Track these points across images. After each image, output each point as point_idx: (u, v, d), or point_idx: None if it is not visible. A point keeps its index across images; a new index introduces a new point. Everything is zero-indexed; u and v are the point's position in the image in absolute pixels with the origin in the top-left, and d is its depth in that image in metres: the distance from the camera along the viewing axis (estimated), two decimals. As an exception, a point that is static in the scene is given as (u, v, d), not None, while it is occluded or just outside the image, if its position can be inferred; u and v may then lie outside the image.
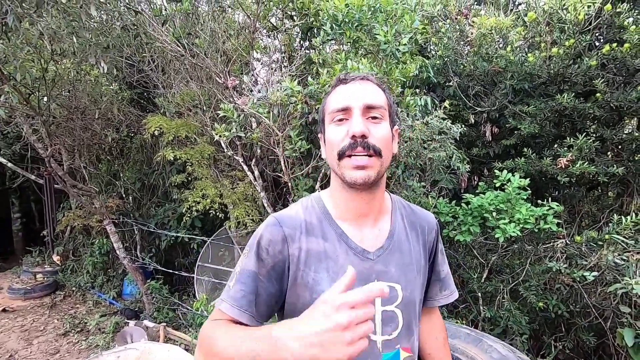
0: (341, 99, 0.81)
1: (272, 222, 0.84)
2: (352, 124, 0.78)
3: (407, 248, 0.89)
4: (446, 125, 2.51)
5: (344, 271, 0.73)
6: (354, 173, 0.77)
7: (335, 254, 0.82)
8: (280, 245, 0.81)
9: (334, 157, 0.81)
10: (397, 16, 2.06)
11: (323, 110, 0.88)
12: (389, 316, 0.83)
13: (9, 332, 3.85)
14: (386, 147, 0.80)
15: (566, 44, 2.66)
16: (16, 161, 4.94)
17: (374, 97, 0.81)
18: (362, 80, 0.84)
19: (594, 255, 2.27)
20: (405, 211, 0.96)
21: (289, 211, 0.88)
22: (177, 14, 2.74)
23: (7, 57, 2.48)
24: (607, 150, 2.83)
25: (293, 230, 0.82)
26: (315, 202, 0.89)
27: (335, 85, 0.87)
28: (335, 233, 0.84)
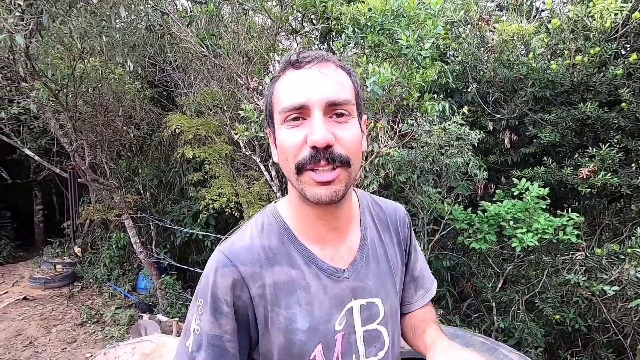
0: (295, 93, 0.62)
1: (222, 261, 0.67)
2: (312, 130, 0.60)
3: (383, 253, 0.78)
4: (464, 132, 2.49)
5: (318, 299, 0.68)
6: (317, 190, 0.62)
7: (305, 280, 0.68)
8: (238, 289, 0.66)
9: (289, 169, 0.64)
10: (419, 21, 2.07)
11: (270, 103, 0.68)
12: (371, 336, 0.72)
13: (29, 320, 3.98)
14: (355, 152, 0.64)
15: (591, 52, 2.61)
16: (41, 155, 5.12)
17: (339, 88, 0.63)
18: (320, 63, 0.63)
19: (614, 269, 2.21)
20: (374, 209, 0.82)
21: (241, 239, 0.70)
22: (201, 15, 2.81)
23: (40, 55, 2.58)
24: (631, 162, 2.75)
25: (251, 266, 0.67)
26: (273, 219, 0.73)
27: (283, 69, 0.66)
28: (302, 255, 0.69)
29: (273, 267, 0.68)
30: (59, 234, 5.92)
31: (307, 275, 0.69)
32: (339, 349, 0.70)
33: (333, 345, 0.69)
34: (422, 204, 2.66)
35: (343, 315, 0.70)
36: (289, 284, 0.68)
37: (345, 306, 0.70)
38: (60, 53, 2.88)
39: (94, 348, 3.47)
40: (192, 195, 4.21)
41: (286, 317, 0.67)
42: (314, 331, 0.67)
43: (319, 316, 0.68)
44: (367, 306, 0.72)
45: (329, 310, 0.69)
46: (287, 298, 0.67)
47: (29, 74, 2.59)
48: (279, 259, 0.69)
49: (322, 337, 0.68)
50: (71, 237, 5.74)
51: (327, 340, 0.68)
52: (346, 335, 0.70)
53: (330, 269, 0.70)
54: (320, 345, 0.68)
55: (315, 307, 0.68)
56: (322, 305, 0.68)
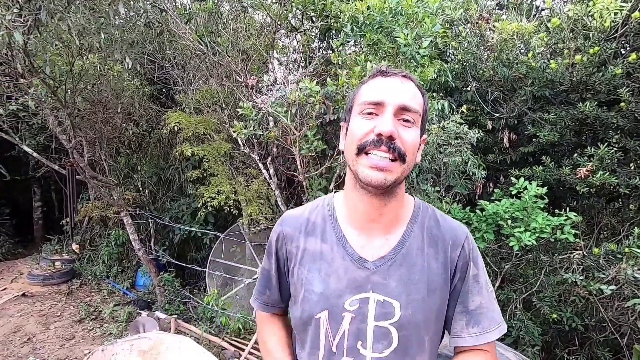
0: (377, 92, 0.74)
1: (279, 221, 0.92)
2: (381, 121, 0.71)
3: (420, 264, 0.78)
4: (463, 130, 2.49)
5: (337, 275, 0.79)
6: (370, 172, 0.71)
7: (331, 256, 0.81)
8: (281, 242, 0.88)
9: (352, 150, 0.75)
10: (418, 19, 2.06)
11: (353, 98, 0.81)
12: (381, 332, 0.76)
13: (27, 316, 3.98)
14: (412, 153, 0.74)
15: (590, 52, 2.61)
16: (39, 152, 5.12)
17: (412, 99, 0.75)
18: (403, 77, 0.77)
19: (612, 269, 2.22)
20: (428, 222, 0.83)
21: (297, 210, 0.92)
22: (200, 12, 2.80)
23: (38, 51, 2.57)
24: (630, 162, 2.75)
25: (293, 229, 0.87)
26: (326, 203, 0.89)
27: (373, 75, 0.80)
28: (336, 236, 0.82)
29: (309, 237, 0.85)
30: (58, 231, 5.93)
31: (334, 252, 0.81)
32: (346, 327, 0.77)
33: (340, 320, 0.78)
34: (421, 203, 2.66)
35: (356, 300, 0.77)
36: (316, 254, 0.82)
37: (362, 293, 0.77)
38: (58, 49, 2.87)
39: (92, 345, 3.47)
40: (191, 192, 4.21)
41: (307, 277, 0.82)
42: (325, 298, 0.78)
43: (333, 289, 0.79)
44: (384, 304, 0.77)
45: (343, 288, 0.78)
46: (310, 263, 0.82)
47: (27, 70, 2.58)
48: (316, 232, 0.84)
49: (329, 306, 0.78)
50: (70, 234, 5.74)
51: (334, 311, 0.78)
52: (356, 320, 0.77)
53: (355, 255, 0.79)
54: (327, 312, 0.78)
55: (332, 280, 0.79)
56: (339, 281, 0.79)
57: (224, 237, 3.94)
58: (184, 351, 1.90)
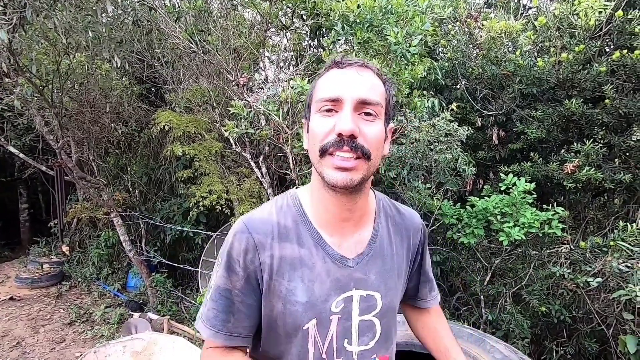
0: (332, 87, 0.70)
1: (241, 228, 0.76)
2: (340, 119, 0.68)
3: (390, 253, 0.83)
4: (453, 128, 2.52)
5: (320, 279, 0.75)
6: (335, 174, 0.68)
7: (312, 260, 0.75)
8: (251, 254, 0.74)
9: (315, 152, 0.71)
10: (408, 18, 2.08)
11: (311, 94, 0.76)
12: (366, 325, 0.78)
13: (16, 320, 3.91)
14: (376, 149, 0.71)
15: (576, 50, 2.66)
16: (26, 152, 5.01)
17: (371, 90, 0.70)
18: (360, 67, 0.72)
19: (598, 262, 2.27)
20: (391, 212, 0.89)
21: (260, 213, 0.79)
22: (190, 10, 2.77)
23: (23, 50, 2.52)
24: (615, 157, 2.82)
25: (264, 236, 0.75)
26: (292, 201, 0.81)
27: (328, 67, 0.75)
28: (312, 238, 0.76)
29: (283, 242, 0.75)
30: (46, 233, 5.82)
31: (314, 256, 0.76)
32: (334, 330, 0.75)
33: (328, 324, 0.75)
34: (412, 200, 2.69)
35: (341, 300, 0.76)
36: (295, 260, 0.75)
37: (345, 292, 0.76)
38: (44, 48, 2.82)
39: (84, 347, 3.43)
40: (182, 192, 4.18)
41: (287, 288, 0.74)
42: (311, 306, 0.74)
43: (318, 294, 0.74)
44: (367, 298, 0.78)
45: (328, 292, 0.75)
46: (290, 272, 0.74)
47: (12, 69, 2.53)
48: (291, 236, 0.76)
49: (317, 314, 0.74)
50: (58, 235, 5.65)
51: (322, 317, 0.75)
52: (342, 320, 0.76)
53: (336, 255, 0.77)
54: (315, 320, 0.74)
55: (316, 285, 0.75)
56: (323, 285, 0.75)
57: (216, 236, 3.92)
58: (178, 351, 1.90)
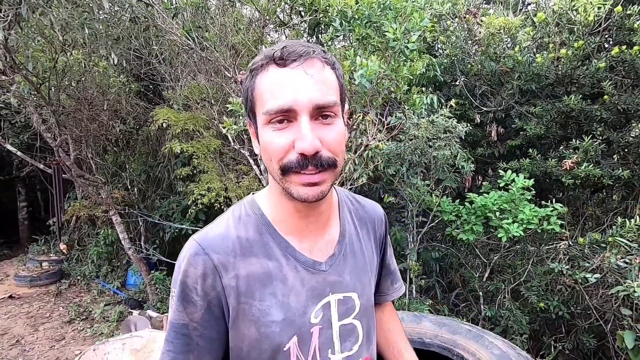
0: (281, 96, 0.59)
1: (195, 250, 0.66)
2: (300, 136, 0.58)
3: (360, 249, 0.79)
4: (452, 124, 2.52)
5: (295, 291, 0.67)
6: (304, 190, 0.62)
7: (283, 272, 0.67)
8: (210, 278, 0.64)
9: (275, 169, 0.63)
10: (406, 14, 2.07)
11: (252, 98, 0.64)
12: (347, 330, 0.73)
13: (15, 318, 3.91)
14: (341, 152, 0.64)
15: (575, 46, 2.65)
16: (24, 150, 4.99)
17: (325, 89, 0.61)
18: (306, 62, 0.60)
19: (596, 258, 2.28)
20: (353, 206, 0.84)
21: (216, 228, 0.69)
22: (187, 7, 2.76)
23: (20, 47, 2.51)
24: (613, 153, 2.82)
25: (224, 255, 0.65)
26: (251, 210, 0.72)
27: (265, 63, 0.62)
28: (280, 247, 0.69)
29: (248, 258, 0.67)
30: (45, 231, 5.81)
31: (284, 267, 0.68)
32: (315, 342, 0.69)
33: (309, 338, 0.68)
34: (411, 196, 2.69)
35: (320, 309, 0.70)
36: (264, 276, 0.67)
37: (323, 299, 0.70)
38: (41, 45, 2.80)
39: (83, 345, 3.43)
40: (181, 190, 4.17)
41: (260, 309, 0.65)
42: (290, 323, 0.67)
43: (295, 308, 0.67)
44: (344, 300, 0.73)
45: (305, 302, 0.68)
46: (261, 290, 0.66)
47: (8, 67, 2.51)
48: (256, 250, 0.68)
49: (297, 329, 0.67)
50: (57, 234, 5.64)
51: (303, 332, 0.68)
52: (323, 330, 0.70)
53: (308, 261, 0.70)
54: (296, 338, 0.67)
55: (291, 299, 0.67)
56: (299, 297, 0.68)
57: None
58: (177, 349, 1.90)
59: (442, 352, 1.40)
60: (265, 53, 0.63)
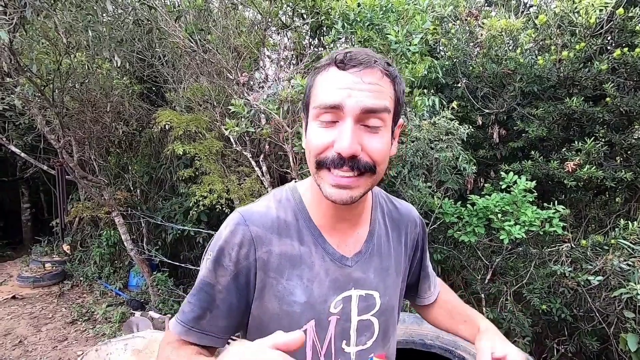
0: (333, 93, 0.61)
1: (238, 219, 0.70)
2: (340, 137, 0.60)
3: (387, 250, 0.80)
4: (453, 126, 2.52)
5: (319, 279, 0.71)
6: (333, 191, 0.63)
7: (311, 259, 0.71)
8: (246, 248, 0.68)
9: (311, 163, 0.66)
10: (408, 16, 2.08)
11: (309, 91, 0.68)
12: (364, 325, 0.76)
13: (18, 319, 3.93)
14: (382, 161, 0.64)
15: (577, 48, 2.65)
16: (27, 152, 5.02)
17: (378, 96, 0.61)
18: (365, 70, 0.61)
19: (599, 260, 2.27)
20: (387, 207, 0.85)
21: (258, 206, 0.73)
22: (190, 9, 2.78)
23: (24, 50, 2.53)
24: (616, 155, 2.81)
25: (263, 230, 0.69)
26: (292, 196, 0.75)
27: (327, 64, 0.65)
28: (312, 235, 0.72)
29: (284, 238, 0.71)
30: (48, 232, 5.84)
31: (313, 254, 0.72)
32: (332, 331, 0.73)
33: (326, 325, 0.72)
34: (413, 198, 2.69)
35: (340, 300, 0.73)
36: (295, 258, 0.70)
37: (344, 292, 0.73)
38: (45, 48, 2.83)
39: (85, 346, 3.44)
40: (183, 191, 4.18)
41: (285, 287, 0.70)
42: (310, 307, 0.70)
43: (317, 295, 0.71)
44: (366, 297, 0.75)
45: (327, 292, 0.72)
46: (290, 270, 0.70)
47: (13, 69, 2.53)
48: (291, 232, 0.71)
49: (316, 314, 0.71)
50: (60, 235, 5.66)
51: (321, 319, 0.71)
52: (341, 321, 0.73)
53: (336, 254, 0.73)
54: (313, 322, 0.71)
55: (315, 285, 0.71)
56: (322, 285, 0.71)
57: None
58: (179, 350, 1.90)
59: (443, 354, 1.39)
60: (330, 55, 0.66)
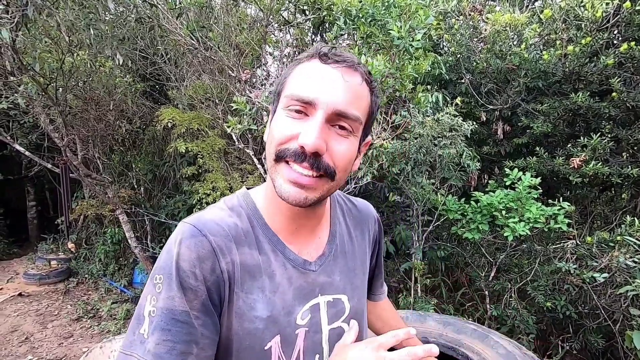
0: (308, 85, 0.58)
1: (191, 231, 0.60)
2: (307, 131, 0.56)
3: (351, 250, 0.77)
4: (457, 123, 2.50)
5: (281, 289, 0.64)
6: (287, 187, 0.59)
7: (271, 268, 0.64)
8: (210, 261, 0.58)
9: (270, 153, 0.61)
10: (411, 12, 2.05)
11: (284, 82, 0.64)
12: (336, 334, 0.70)
13: (24, 316, 3.97)
14: (343, 169, 0.61)
15: (582, 42, 2.62)
16: (32, 150, 5.06)
17: (354, 101, 0.59)
18: (348, 69, 0.60)
19: (604, 257, 2.25)
20: (346, 206, 0.82)
21: (209, 214, 0.65)
22: (191, 7, 2.77)
23: (27, 48, 2.53)
24: (622, 151, 2.78)
25: (221, 238, 0.61)
26: (244, 202, 0.69)
27: (310, 56, 0.62)
28: (270, 242, 0.66)
29: (241, 246, 0.63)
30: (53, 230, 5.89)
31: (273, 262, 0.65)
32: (300, 345, 0.65)
33: (293, 340, 0.65)
34: (416, 195, 2.67)
35: (307, 310, 0.67)
36: (254, 268, 0.63)
37: (311, 301, 0.68)
38: (48, 46, 2.83)
39: (91, 342, 3.47)
40: (187, 189, 4.19)
41: (245, 303, 0.61)
42: (274, 321, 0.63)
43: (280, 307, 0.64)
44: (334, 302, 0.70)
45: (291, 302, 0.65)
46: (250, 282, 0.62)
47: (16, 68, 2.54)
48: (248, 240, 0.64)
49: (281, 329, 0.63)
50: (65, 232, 5.71)
51: (287, 333, 0.64)
52: (310, 333, 0.67)
53: (298, 260, 0.67)
54: (279, 337, 0.63)
55: (277, 297, 0.64)
56: (285, 296, 0.65)
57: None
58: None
59: (446, 352, 1.39)
60: (315, 47, 0.63)
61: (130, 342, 0.57)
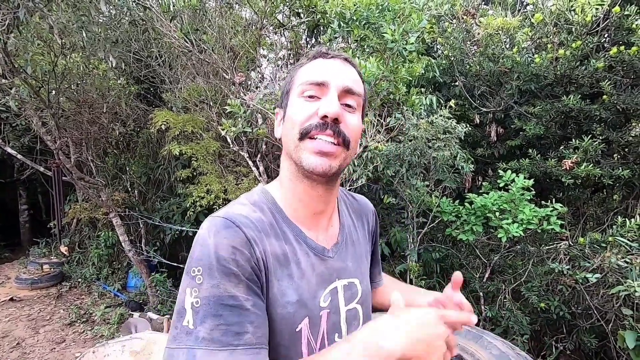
0: (319, 72, 0.70)
1: (224, 223, 0.63)
2: (326, 103, 0.67)
3: (357, 238, 0.86)
4: (451, 125, 2.52)
5: (307, 275, 0.70)
6: (314, 159, 0.66)
7: (297, 256, 0.70)
8: (246, 250, 0.61)
9: (293, 136, 0.68)
10: (404, 15, 2.07)
11: (291, 81, 0.74)
12: (351, 315, 0.77)
13: (16, 321, 3.91)
14: (355, 139, 0.71)
15: (573, 46, 2.65)
16: (24, 153, 5.00)
17: (355, 82, 0.72)
18: (344, 60, 0.74)
19: (597, 257, 2.27)
20: (348, 200, 0.91)
21: (235, 209, 0.69)
22: (185, 9, 2.76)
23: (19, 51, 2.51)
24: (613, 153, 2.82)
25: (252, 229, 0.65)
26: (264, 197, 0.75)
27: (312, 57, 0.75)
28: (293, 232, 0.72)
29: (269, 238, 0.68)
30: (46, 234, 5.82)
31: (298, 251, 0.71)
32: (324, 327, 0.72)
33: (318, 321, 0.71)
34: (411, 197, 2.69)
35: (328, 293, 0.73)
36: (283, 257, 0.68)
37: (330, 285, 0.74)
38: (40, 49, 2.81)
39: (84, 347, 3.43)
40: (181, 192, 4.17)
41: (278, 289, 0.66)
42: (303, 305, 0.68)
43: (307, 291, 0.70)
44: (349, 286, 0.77)
45: (315, 287, 0.72)
46: (281, 270, 0.67)
47: (7, 70, 2.52)
48: (274, 232, 0.70)
49: (309, 312, 0.69)
50: (58, 236, 5.65)
51: (314, 315, 0.70)
52: (331, 315, 0.73)
53: (318, 247, 0.74)
54: (307, 319, 0.69)
55: (304, 282, 0.70)
56: (310, 281, 0.71)
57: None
58: (177, 351, 1.89)
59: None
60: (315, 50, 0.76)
61: (174, 336, 0.57)
